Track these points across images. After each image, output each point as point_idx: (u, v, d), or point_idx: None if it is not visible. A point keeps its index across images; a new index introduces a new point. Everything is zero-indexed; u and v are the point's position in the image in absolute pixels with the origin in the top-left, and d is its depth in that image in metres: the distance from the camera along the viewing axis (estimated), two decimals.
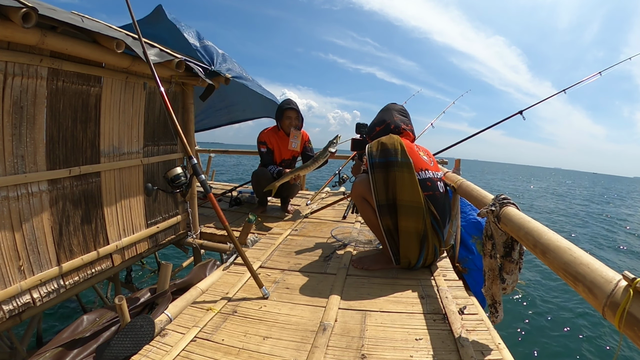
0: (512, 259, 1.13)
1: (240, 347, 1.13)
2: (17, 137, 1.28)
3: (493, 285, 1.19)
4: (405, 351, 1.10)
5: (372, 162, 1.67)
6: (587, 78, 2.84)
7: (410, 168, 1.62)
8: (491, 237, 1.18)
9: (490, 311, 1.22)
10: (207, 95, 2.29)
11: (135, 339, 1.13)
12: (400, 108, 1.98)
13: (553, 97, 3.05)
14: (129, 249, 1.89)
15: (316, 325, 1.25)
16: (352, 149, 2.25)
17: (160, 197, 2.14)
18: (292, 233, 2.43)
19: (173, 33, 2.56)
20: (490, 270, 1.20)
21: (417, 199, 1.59)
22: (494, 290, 1.19)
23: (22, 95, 1.28)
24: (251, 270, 1.49)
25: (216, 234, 2.47)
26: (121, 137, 1.79)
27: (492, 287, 1.19)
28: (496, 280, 1.18)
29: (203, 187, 1.52)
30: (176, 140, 2.24)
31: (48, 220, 1.42)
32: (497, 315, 1.21)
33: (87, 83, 1.56)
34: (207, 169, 4.67)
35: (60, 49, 1.35)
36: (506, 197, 1.17)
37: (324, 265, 1.84)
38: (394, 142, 1.68)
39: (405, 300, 1.44)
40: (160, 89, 1.51)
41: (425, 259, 1.68)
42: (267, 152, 2.90)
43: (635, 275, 0.57)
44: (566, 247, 0.78)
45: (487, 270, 1.21)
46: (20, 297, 1.31)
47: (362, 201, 1.77)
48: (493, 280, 1.19)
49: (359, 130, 2.19)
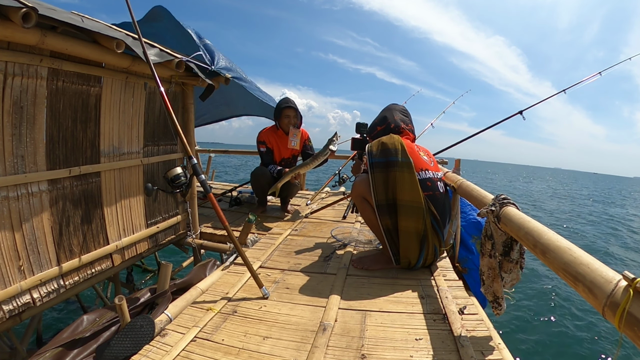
0: (511, 259, 1.13)
1: (240, 347, 1.13)
2: (17, 137, 1.28)
3: (494, 283, 1.19)
4: (405, 351, 1.10)
5: (372, 162, 1.67)
6: (587, 78, 2.84)
7: (410, 168, 1.62)
8: (490, 237, 1.18)
9: (493, 306, 1.22)
10: (207, 96, 2.29)
11: (135, 339, 1.13)
12: (401, 108, 1.99)
13: (553, 97, 3.06)
14: (129, 249, 1.89)
15: (316, 325, 1.25)
16: (352, 148, 2.25)
17: (160, 197, 2.14)
18: (292, 233, 2.43)
19: (174, 31, 2.55)
20: (490, 269, 1.19)
21: (417, 199, 1.59)
22: (495, 288, 1.19)
23: (22, 95, 1.28)
24: (251, 270, 1.49)
25: (216, 234, 2.47)
26: (121, 137, 1.79)
27: (493, 284, 1.19)
28: (497, 279, 1.17)
29: (203, 187, 1.52)
30: (176, 140, 2.24)
31: (48, 220, 1.42)
32: (501, 308, 1.21)
33: (87, 83, 1.56)
34: (207, 169, 4.67)
35: (60, 49, 1.35)
36: (506, 197, 1.16)
37: (324, 265, 1.84)
38: (395, 142, 1.68)
39: (405, 300, 1.44)
40: (160, 89, 1.51)
41: (425, 259, 1.68)
42: (266, 152, 2.92)
43: (635, 275, 0.57)
44: (566, 247, 0.78)
45: (486, 269, 1.21)
46: (20, 297, 1.31)
47: (362, 201, 1.77)
48: (494, 279, 1.18)
49: (359, 129, 2.19)
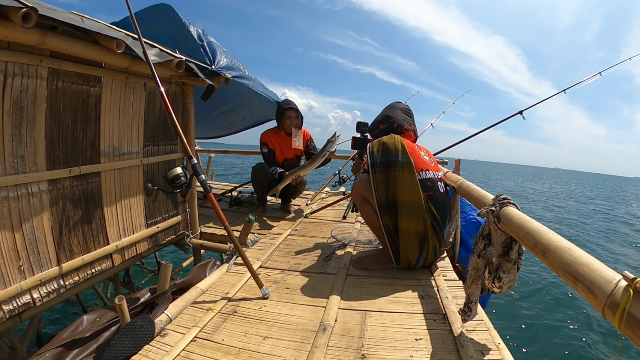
0: (510, 259, 1.12)
1: (240, 347, 1.13)
2: (17, 137, 1.28)
3: (473, 285, 1.15)
4: (405, 351, 1.10)
5: (373, 162, 1.67)
6: (587, 78, 2.84)
7: (411, 168, 1.62)
8: (485, 237, 1.16)
9: (463, 309, 1.19)
10: (208, 96, 2.29)
11: (135, 339, 1.13)
12: (404, 107, 1.98)
13: (553, 97, 3.06)
14: (129, 249, 1.89)
15: (316, 325, 1.25)
16: (352, 148, 2.25)
17: (160, 197, 2.14)
18: (292, 233, 2.43)
19: (173, 30, 2.52)
20: (475, 270, 1.16)
21: (417, 199, 1.59)
22: (472, 290, 1.16)
23: (22, 95, 1.28)
24: (251, 270, 1.49)
25: (216, 234, 2.47)
26: (121, 137, 1.79)
27: (472, 286, 1.16)
28: (477, 280, 1.14)
29: (203, 187, 1.52)
30: (176, 140, 2.24)
31: (48, 220, 1.42)
32: (471, 313, 1.17)
33: (87, 83, 1.56)
34: (207, 169, 4.67)
35: (60, 49, 1.35)
36: (506, 197, 1.16)
37: (324, 265, 1.84)
38: (395, 142, 1.68)
39: (405, 300, 1.44)
40: (160, 89, 1.51)
41: (426, 259, 1.68)
42: (268, 153, 2.95)
43: (636, 275, 0.57)
44: (566, 247, 0.77)
45: (471, 269, 1.18)
46: (20, 297, 1.31)
47: (363, 201, 1.77)
48: (474, 280, 1.15)
49: (359, 128, 2.19)
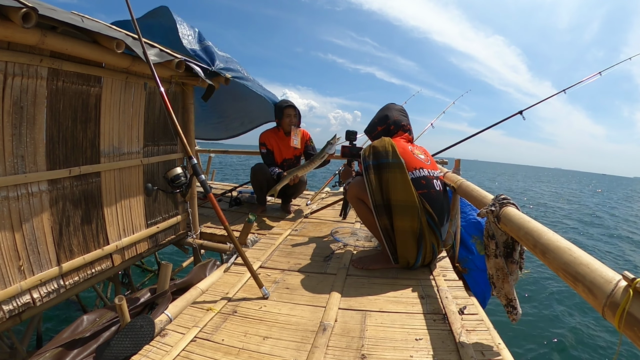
0: (514, 260, 1.12)
1: (240, 347, 1.13)
2: (17, 137, 1.28)
3: (505, 285, 1.13)
4: (405, 351, 1.10)
5: (366, 165, 1.70)
6: (587, 78, 2.85)
7: (402, 168, 1.64)
8: (493, 237, 1.15)
9: (507, 310, 1.15)
10: (209, 96, 2.29)
11: (135, 339, 1.13)
12: (400, 108, 2.03)
13: (553, 97, 3.07)
14: (129, 249, 1.89)
15: (316, 325, 1.25)
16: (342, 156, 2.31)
17: (160, 197, 2.14)
18: (292, 233, 2.43)
19: (167, 34, 2.52)
20: (499, 270, 1.13)
21: (410, 197, 1.61)
22: (507, 289, 1.13)
23: (22, 95, 1.28)
24: (251, 270, 1.49)
25: (216, 234, 2.47)
26: (121, 137, 1.79)
27: (504, 286, 1.13)
28: (507, 278, 1.12)
29: (203, 187, 1.52)
30: (176, 140, 2.24)
31: (48, 220, 1.42)
32: (516, 312, 1.14)
33: (87, 83, 1.55)
34: (207, 169, 4.67)
35: (60, 49, 1.35)
36: (506, 197, 1.16)
37: (324, 265, 1.84)
38: (385, 144, 1.72)
39: (405, 300, 1.44)
40: (160, 89, 1.51)
41: (424, 257, 1.69)
42: (267, 153, 2.97)
43: (635, 275, 0.57)
44: (566, 247, 0.77)
45: (494, 271, 1.15)
46: (20, 297, 1.31)
47: (358, 201, 1.80)
48: (504, 280, 1.13)
49: (348, 137, 2.24)
